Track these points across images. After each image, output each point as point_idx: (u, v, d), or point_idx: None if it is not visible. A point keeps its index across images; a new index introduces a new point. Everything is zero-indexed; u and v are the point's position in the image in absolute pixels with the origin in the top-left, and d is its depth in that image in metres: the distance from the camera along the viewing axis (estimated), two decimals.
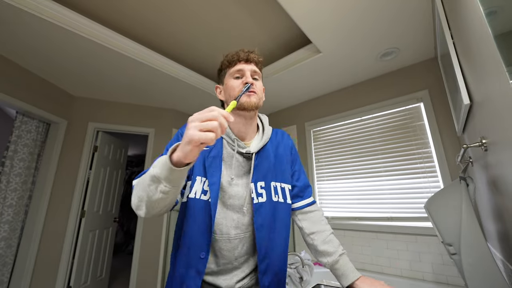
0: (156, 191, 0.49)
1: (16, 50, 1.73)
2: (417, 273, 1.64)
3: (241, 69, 0.72)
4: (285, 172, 0.79)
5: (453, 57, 0.92)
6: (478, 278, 0.67)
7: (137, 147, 4.64)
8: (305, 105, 2.66)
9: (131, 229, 4.77)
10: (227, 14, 1.62)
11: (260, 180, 0.72)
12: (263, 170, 0.73)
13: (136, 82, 2.23)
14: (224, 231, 0.67)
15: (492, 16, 0.54)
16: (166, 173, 0.47)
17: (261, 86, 0.76)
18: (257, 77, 0.75)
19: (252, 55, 0.74)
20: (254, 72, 0.74)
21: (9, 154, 1.98)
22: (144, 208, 0.53)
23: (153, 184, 0.49)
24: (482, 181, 0.96)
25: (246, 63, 0.73)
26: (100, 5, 1.54)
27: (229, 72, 0.74)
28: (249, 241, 0.70)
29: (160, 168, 0.48)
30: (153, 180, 0.49)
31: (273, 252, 0.69)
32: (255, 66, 0.75)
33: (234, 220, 0.68)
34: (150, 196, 0.50)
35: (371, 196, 2.00)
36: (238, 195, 0.70)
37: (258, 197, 0.70)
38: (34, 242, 2.02)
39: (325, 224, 0.80)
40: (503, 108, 0.54)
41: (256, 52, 0.77)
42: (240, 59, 0.73)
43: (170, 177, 0.47)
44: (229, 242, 0.67)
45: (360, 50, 1.78)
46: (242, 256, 0.69)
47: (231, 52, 0.76)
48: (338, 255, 0.72)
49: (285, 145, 0.83)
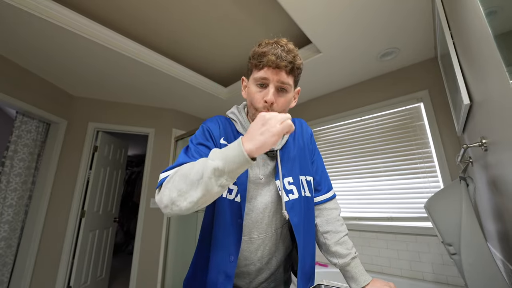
0: (216, 184, 0.47)
1: (16, 50, 1.73)
2: (417, 273, 1.64)
3: (265, 78, 0.61)
4: (307, 163, 0.76)
5: (453, 57, 0.92)
6: (478, 278, 0.67)
7: (137, 147, 4.64)
8: (305, 105, 2.66)
9: (131, 229, 4.77)
10: (227, 14, 1.62)
11: (287, 176, 0.68)
12: (288, 165, 0.69)
13: (136, 82, 2.23)
14: (246, 232, 0.65)
15: (492, 16, 0.54)
16: (234, 167, 0.46)
17: (286, 101, 0.64)
18: (285, 88, 0.62)
19: (283, 64, 0.59)
20: (282, 83, 0.61)
21: (9, 154, 1.98)
22: (186, 202, 0.48)
23: (214, 177, 0.46)
24: (482, 181, 0.96)
25: (274, 71, 0.60)
26: (99, 5, 1.54)
27: (254, 75, 0.63)
28: (272, 240, 0.68)
29: (224, 161, 0.46)
30: (215, 173, 0.46)
31: (309, 252, 0.68)
32: (286, 75, 0.61)
33: (258, 221, 0.66)
34: (209, 189, 0.47)
35: (371, 196, 2.00)
36: (265, 195, 0.67)
37: (288, 195, 0.65)
38: (34, 242, 2.02)
39: (341, 225, 0.76)
40: (503, 108, 0.54)
41: (293, 53, 0.61)
42: (268, 64, 0.59)
43: (237, 171, 0.47)
44: (251, 243, 0.65)
45: (360, 50, 1.78)
46: (265, 257, 0.68)
47: (263, 46, 0.62)
48: (350, 258, 0.70)
49: (305, 133, 0.80)
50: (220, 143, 0.66)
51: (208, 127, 0.69)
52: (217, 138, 0.67)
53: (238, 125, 0.71)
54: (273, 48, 0.60)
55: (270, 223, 0.67)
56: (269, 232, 0.67)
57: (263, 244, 0.66)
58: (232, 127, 0.72)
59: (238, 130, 0.71)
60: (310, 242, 0.70)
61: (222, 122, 0.72)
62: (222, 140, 0.67)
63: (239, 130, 0.70)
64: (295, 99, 0.70)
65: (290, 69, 0.60)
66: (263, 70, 0.61)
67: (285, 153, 0.70)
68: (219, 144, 0.66)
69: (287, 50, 0.60)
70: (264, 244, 0.66)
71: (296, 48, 0.64)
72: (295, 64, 0.61)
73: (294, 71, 0.62)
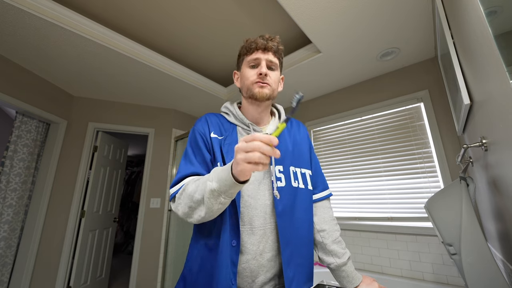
0: (216, 202, 0.53)
1: (16, 50, 1.73)
2: (417, 273, 1.63)
3: (257, 58, 0.72)
4: (304, 157, 0.78)
5: (453, 57, 0.92)
6: (478, 278, 0.67)
7: (137, 147, 4.64)
8: (305, 105, 2.66)
9: (131, 229, 4.77)
10: (227, 14, 1.62)
11: (278, 164, 0.70)
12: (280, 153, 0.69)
13: (136, 82, 2.23)
14: (246, 220, 0.65)
15: (492, 16, 0.54)
16: (227, 188, 0.51)
17: (276, 77, 0.74)
18: (273, 67, 0.74)
19: (270, 44, 0.72)
20: (271, 62, 0.72)
21: (9, 154, 1.98)
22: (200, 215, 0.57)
23: (212, 198, 0.53)
24: (482, 181, 0.96)
25: (263, 52, 0.72)
26: (100, 5, 1.54)
27: (246, 59, 0.74)
28: (274, 233, 0.67)
29: (219, 183, 0.51)
30: (212, 194, 0.52)
31: (297, 240, 0.67)
32: (273, 55, 0.73)
33: (257, 208, 0.66)
34: (210, 207, 0.54)
35: (371, 196, 2.00)
36: (258, 181, 0.68)
37: (277, 181, 0.68)
38: (34, 242, 2.02)
39: (336, 224, 0.78)
40: (503, 108, 0.54)
41: (277, 40, 0.74)
42: (258, 47, 0.71)
43: (231, 191, 0.51)
44: (252, 233, 0.64)
45: (360, 50, 1.78)
46: (267, 252, 0.65)
47: (251, 38, 0.74)
48: (347, 257, 0.71)
49: (302, 133, 0.84)
50: (211, 137, 0.71)
51: (196, 128, 0.75)
52: (206, 134, 0.72)
53: (231, 117, 0.77)
54: (260, 38, 0.73)
55: (269, 212, 0.67)
56: (268, 223, 0.66)
57: (265, 237, 0.65)
58: (223, 120, 0.78)
59: (231, 121, 0.77)
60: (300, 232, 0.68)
61: (210, 118, 0.77)
62: (212, 134, 0.72)
63: (231, 121, 0.77)
64: (281, 84, 0.81)
65: (275, 50, 0.73)
66: (254, 53, 0.72)
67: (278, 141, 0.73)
68: (209, 139, 0.71)
69: (271, 38, 0.74)
70: (266, 237, 0.65)
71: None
72: (278, 47, 0.74)
73: (279, 52, 0.75)
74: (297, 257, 0.66)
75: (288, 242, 0.65)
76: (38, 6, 1.39)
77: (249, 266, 0.63)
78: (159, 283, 2.40)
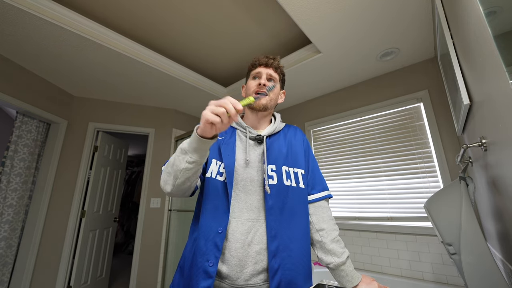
0: (183, 161, 0.60)
1: (16, 50, 1.73)
2: (417, 273, 1.64)
3: (259, 72, 0.84)
4: (298, 158, 0.82)
5: (453, 57, 0.92)
6: (478, 278, 0.67)
7: (137, 147, 4.64)
8: (305, 105, 2.66)
9: (131, 229, 4.77)
10: (227, 14, 1.62)
11: (271, 163, 0.76)
12: (274, 154, 0.78)
13: (137, 82, 2.23)
14: (236, 211, 0.70)
15: (492, 16, 0.55)
16: (193, 145, 0.59)
17: (275, 89, 0.85)
18: (273, 81, 0.85)
19: (271, 61, 0.85)
20: (270, 76, 0.85)
21: (10, 154, 1.98)
22: (172, 179, 0.63)
23: (181, 155, 0.61)
24: (482, 181, 0.96)
25: (265, 67, 0.85)
26: (100, 5, 1.54)
27: (251, 73, 0.87)
28: (263, 227, 0.69)
29: (187, 142, 0.61)
30: (181, 152, 0.61)
31: (286, 235, 0.68)
32: (274, 71, 0.86)
33: (247, 202, 0.71)
34: (177, 165, 0.61)
35: (371, 196, 2.00)
36: (251, 178, 0.74)
37: (268, 179, 0.73)
38: (34, 242, 2.02)
39: (334, 224, 0.79)
40: (503, 108, 0.54)
41: (278, 59, 0.88)
42: (261, 63, 0.85)
43: (195, 147, 0.59)
44: (241, 224, 0.68)
45: (360, 50, 1.78)
46: (256, 244, 0.67)
47: (256, 57, 0.88)
48: (346, 257, 0.72)
49: (298, 137, 0.89)
50: None
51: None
52: None
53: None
54: (263, 56, 0.87)
55: (259, 206, 0.71)
56: (259, 217, 0.70)
57: (254, 228, 0.68)
58: None
59: (232, 125, 0.86)
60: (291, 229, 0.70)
61: None
62: None
63: (232, 125, 0.86)
64: (282, 97, 0.91)
65: (276, 67, 0.86)
66: (257, 68, 0.86)
67: (273, 142, 0.81)
68: None
69: (273, 57, 0.87)
70: (255, 229, 0.68)
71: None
72: (279, 65, 0.88)
73: (280, 69, 0.88)
74: (284, 251, 0.67)
75: (275, 236, 0.67)
76: (38, 6, 1.39)
77: (237, 254, 0.66)
78: (159, 283, 2.40)
